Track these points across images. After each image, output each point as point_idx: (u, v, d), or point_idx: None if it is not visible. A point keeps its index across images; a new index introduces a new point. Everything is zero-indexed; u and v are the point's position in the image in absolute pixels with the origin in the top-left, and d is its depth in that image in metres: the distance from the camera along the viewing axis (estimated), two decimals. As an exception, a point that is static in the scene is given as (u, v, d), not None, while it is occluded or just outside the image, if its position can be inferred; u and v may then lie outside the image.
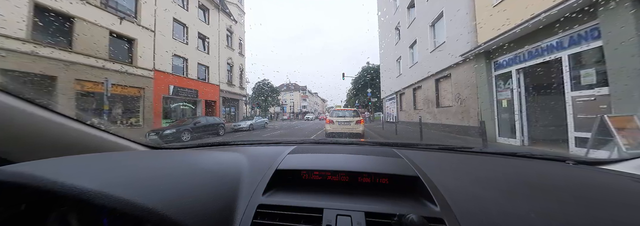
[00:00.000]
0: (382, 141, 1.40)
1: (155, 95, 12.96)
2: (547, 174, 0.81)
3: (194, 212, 0.48)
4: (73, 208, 0.51)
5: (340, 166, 0.79)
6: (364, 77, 33.45)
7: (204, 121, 11.36)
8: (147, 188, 0.50)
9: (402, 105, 16.50)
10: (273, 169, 0.76)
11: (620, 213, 0.53)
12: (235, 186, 0.65)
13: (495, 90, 6.48)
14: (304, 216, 0.57)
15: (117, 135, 0.92)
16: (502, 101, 6.22)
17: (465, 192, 0.62)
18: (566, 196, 0.59)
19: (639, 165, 0.84)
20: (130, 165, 0.61)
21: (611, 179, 0.76)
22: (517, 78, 5.74)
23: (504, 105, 6.16)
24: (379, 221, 0.54)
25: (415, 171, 0.73)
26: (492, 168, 0.88)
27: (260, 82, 38.11)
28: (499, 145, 6.17)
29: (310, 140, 1.39)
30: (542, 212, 0.51)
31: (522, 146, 5.59)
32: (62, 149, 0.73)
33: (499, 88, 6.38)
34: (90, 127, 0.83)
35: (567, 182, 0.71)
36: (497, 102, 6.43)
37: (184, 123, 10.71)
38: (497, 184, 0.68)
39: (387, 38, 19.48)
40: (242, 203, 0.60)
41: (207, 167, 0.73)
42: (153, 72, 12.96)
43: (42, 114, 0.70)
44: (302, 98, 71.60)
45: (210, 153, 1.00)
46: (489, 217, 0.52)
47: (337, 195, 0.67)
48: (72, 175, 0.46)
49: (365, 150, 1.04)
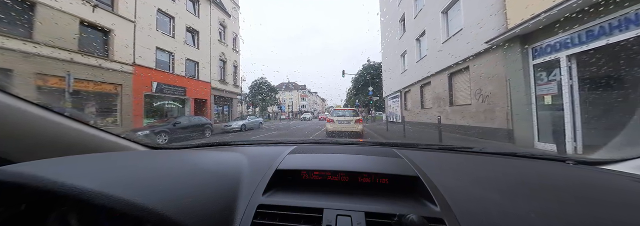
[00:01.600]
0: (382, 141, 1.39)
1: (135, 93, 11.68)
2: (547, 174, 0.81)
3: (194, 212, 0.48)
4: (73, 208, 0.51)
5: (340, 166, 0.79)
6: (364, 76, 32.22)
7: (185, 121, 10.09)
8: (147, 188, 0.49)
9: (407, 104, 15.21)
10: (273, 169, 0.76)
11: (620, 213, 0.53)
12: (235, 187, 0.65)
13: (534, 84, 5.19)
14: (304, 216, 0.57)
15: (117, 135, 0.92)
16: (544, 97, 4.94)
17: (465, 192, 0.62)
18: (566, 196, 0.60)
19: (639, 165, 0.83)
20: (130, 165, 0.61)
21: (611, 179, 0.75)
22: (568, 68, 4.46)
23: (547, 102, 4.88)
24: (379, 221, 0.54)
25: (415, 172, 0.73)
26: (492, 168, 0.88)
27: (258, 80, 36.85)
28: (539, 151, 4.89)
29: (310, 140, 1.39)
30: (542, 212, 0.51)
31: (575, 154, 4.32)
32: (62, 149, 0.73)
33: (540, 81, 5.10)
34: (90, 127, 0.83)
35: (567, 182, 0.72)
36: (536, 98, 5.15)
37: (161, 124, 9.44)
38: (497, 184, 0.68)
39: (389, 32, 18.20)
40: (242, 203, 0.60)
41: (207, 167, 0.73)
42: (133, 67, 11.70)
43: (42, 114, 0.70)
44: (301, 97, 70.38)
45: (210, 153, 1.01)
46: (489, 217, 0.52)
47: (337, 195, 0.67)
48: (72, 175, 0.46)
49: (365, 150, 1.04)
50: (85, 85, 9.87)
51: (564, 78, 4.50)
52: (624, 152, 0.90)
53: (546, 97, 4.90)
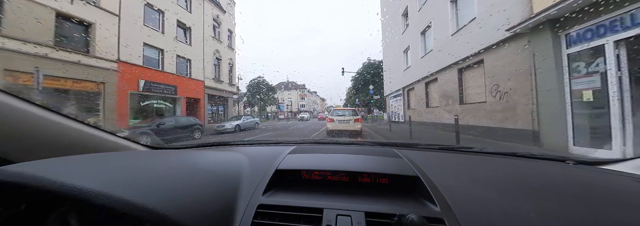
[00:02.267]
0: (382, 141, 1.39)
1: (120, 91, 10.91)
2: (547, 174, 0.81)
3: (194, 212, 0.48)
4: (73, 208, 0.51)
5: (340, 166, 0.79)
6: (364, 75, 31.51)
7: (171, 122, 9.31)
8: (147, 188, 0.49)
9: (410, 103, 14.42)
10: (273, 169, 0.76)
11: (620, 213, 0.53)
12: (235, 187, 0.65)
13: (569, 77, 4.39)
14: (304, 216, 0.57)
15: (117, 135, 0.92)
16: (582, 92, 4.15)
17: (465, 192, 0.62)
18: (566, 196, 0.60)
19: (639, 165, 0.83)
20: (130, 165, 0.61)
21: (611, 179, 0.75)
22: (616, 56, 3.67)
23: (587, 99, 4.09)
24: (379, 221, 0.54)
25: (415, 171, 0.73)
26: (492, 168, 0.88)
27: (256, 79, 36.05)
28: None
29: (310, 140, 1.39)
30: (542, 212, 0.51)
31: (624, 158, 3.53)
32: (62, 149, 0.73)
33: (576, 73, 4.30)
34: (90, 127, 0.82)
35: (567, 182, 0.72)
36: (571, 94, 4.36)
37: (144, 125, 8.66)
38: (497, 184, 0.68)
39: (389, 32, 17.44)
40: (242, 203, 0.60)
41: (207, 167, 0.72)
42: (117, 64, 10.91)
43: (42, 114, 0.70)
44: (300, 97, 69.55)
45: (210, 153, 1.01)
46: (489, 217, 0.51)
47: (337, 195, 0.67)
48: (72, 175, 0.46)
49: (365, 150, 1.04)
50: (63, 83, 9.08)
51: (611, 69, 3.71)
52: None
53: (585, 92, 4.11)
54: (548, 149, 4.65)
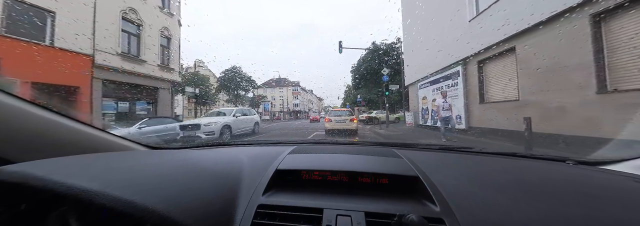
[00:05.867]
0: (382, 141, 1.33)
1: None
2: (547, 174, 0.81)
3: (194, 212, 0.48)
4: (73, 208, 0.50)
5: (340, 166, 0.78)
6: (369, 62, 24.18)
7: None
8: (147, 188, 0.49)
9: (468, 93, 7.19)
10: (273, 169, 0.76)
11: (620, 213, 0.52)
12: (235, 187, 0.65)
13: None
14: (304, 216, 0.57)
15: (117, 135, 0.92)
16: None
17: (465, 192, 0.62)
18: (566, 196, 0.60)
19: (639, 165, 0.82)
20: (130, 165, 0.61)
21: (611, 179, 0.75)
22: None
23: None
24: (379, 221, 0.54)
25: (415, 172, 0.73)
26: (492, 168, 0.88)
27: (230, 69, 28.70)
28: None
29: (311, 140, 1.39)
30: (542, 212, 0.51)
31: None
32: (62, 149, 0.73)
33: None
34: (90, 127, 0.82)
35: (567, 182, 0.71)
36: None
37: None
38: (497, 184, 0.68)
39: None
40: (242, 203, 0.60)
41: (207, 167, 0.72)
42: None
43: (41, 114, 0.70)
44: (293, 95, 62.18)
45: (210, 153, 1.02)
46: (489, 217, 0.51)
47: (337, 195, 0.67)
48: (72, 175, 0.45)
49: (365, 150, 1.04)
50: None
51: None
52: (624, 152, 0.87)
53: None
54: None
